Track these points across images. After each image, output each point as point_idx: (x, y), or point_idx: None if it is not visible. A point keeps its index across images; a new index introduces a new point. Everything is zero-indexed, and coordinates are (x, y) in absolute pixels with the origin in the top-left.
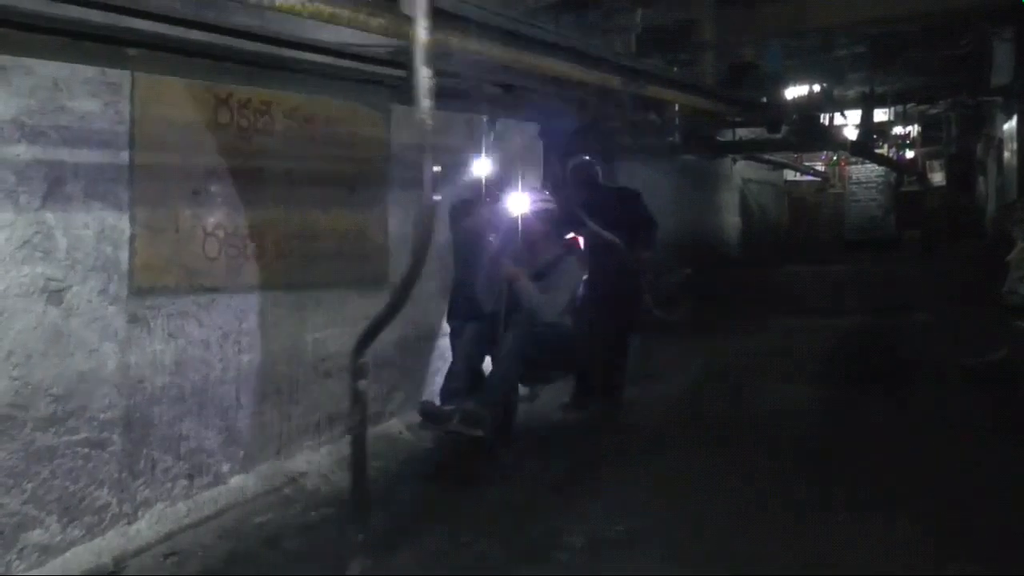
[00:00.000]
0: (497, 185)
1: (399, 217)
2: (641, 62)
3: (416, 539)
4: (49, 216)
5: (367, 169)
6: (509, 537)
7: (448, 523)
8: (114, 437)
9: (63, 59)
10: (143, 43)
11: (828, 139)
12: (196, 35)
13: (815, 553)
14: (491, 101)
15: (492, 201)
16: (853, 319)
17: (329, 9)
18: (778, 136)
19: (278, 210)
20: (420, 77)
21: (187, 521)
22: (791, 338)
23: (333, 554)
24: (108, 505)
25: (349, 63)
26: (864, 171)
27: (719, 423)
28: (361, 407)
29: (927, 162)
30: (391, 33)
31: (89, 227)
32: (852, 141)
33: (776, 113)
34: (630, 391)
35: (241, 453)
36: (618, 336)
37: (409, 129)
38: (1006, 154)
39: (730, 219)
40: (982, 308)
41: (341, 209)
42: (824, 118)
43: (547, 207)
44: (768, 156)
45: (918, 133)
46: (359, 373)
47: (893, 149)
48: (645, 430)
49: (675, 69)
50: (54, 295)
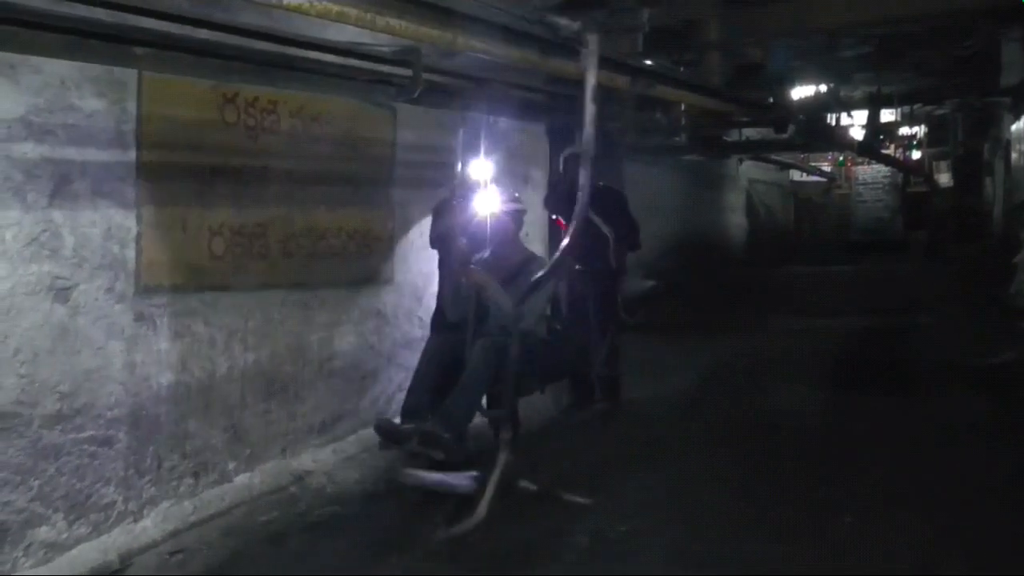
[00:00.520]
0: (475, 183)
1: (404, 216)
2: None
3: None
4: (56, 214)
5: (372, 168)
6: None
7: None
8: (120, 435)
9: (70, 58)
10: (150, 42)
11: (834, 139)
12: (203, 34)
13: (821, 555)
14: (496, 100)
15: (463, 200)
16: (858, 320)
17: (337, 8)
18: (784, 136)
19: (284, 209)
20: (588, 112)
21: (193, 519)
22: (793, 339)
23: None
24: (114, 503)
25: (356, 62)
26: (870, 172)
27: (721, 424)
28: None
29: (934, 163)
30: (397, 32)
31: (96, 225)
32: (858, 142)
33: (782, 113)
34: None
35: (246, 451)
36: (603, 329)
37: (414, 128)
38: (1014, 155)
39: (735, 219)
40: (989, 310)
41: (346, 208)
42: (830, 118)
43: (517, 207)
44: (774, 156)
45: (925, 134)
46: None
47: (900, 150)
48: (645, 430)
49: (681, 69)
50: (61, 293)
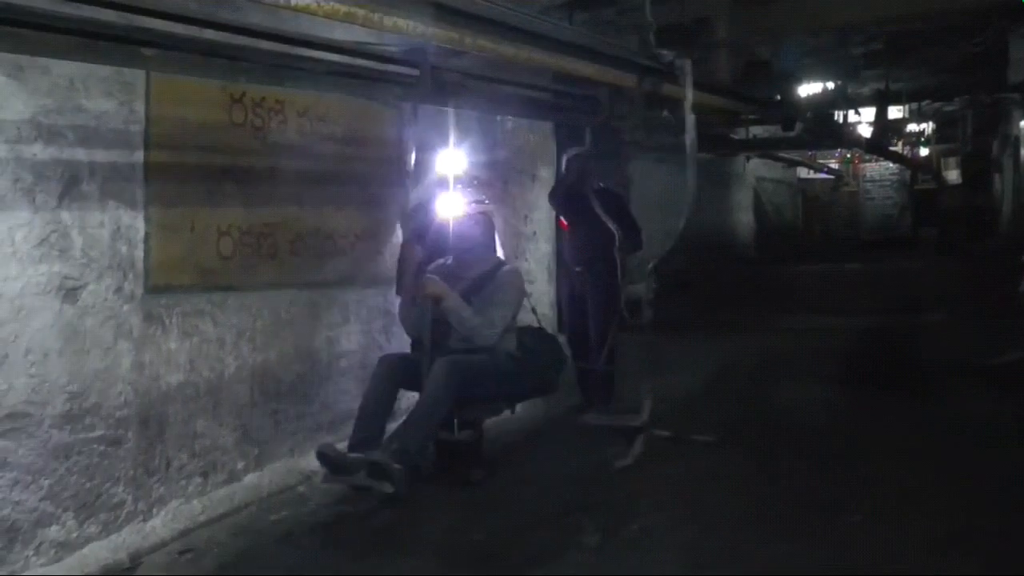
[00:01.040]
0: (440, 182)
1: None
2: (656, 59)
3: (417, 537)
4: (65, 215)
5: (380, 167)
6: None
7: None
8: (129, 434)
9: (79, 59)
10: (158, 43)
11: (842, 137)
12: (210, 34)
13: (830, 555)
14: (503, 100)
15: (425, 203)
16: (867, 319)
17: (344, 8)
18: (792, 134)
19: (292, 208)
20: (688, 123)
21: (202, 518)
22: (803, 338)
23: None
24: (124, 502)
25: (363, 62)
26: (879, 169)
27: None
28: None
29: (942, 160)
30: (405, 32)
31: (104, 226)
32: (867, 139)
33: (790, 111)
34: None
35: (255, 451)
36: (604, 329)
37: (421, 127)
38: (1023, 152)
39: (743, 217)
40: (998, 308)
41: (355, 207)
42: (838, 116)
43: (483, 210)
44: (782, 154)
45: (933, 131)
46: None
47: (908, 147)
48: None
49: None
50: (70, 293)
